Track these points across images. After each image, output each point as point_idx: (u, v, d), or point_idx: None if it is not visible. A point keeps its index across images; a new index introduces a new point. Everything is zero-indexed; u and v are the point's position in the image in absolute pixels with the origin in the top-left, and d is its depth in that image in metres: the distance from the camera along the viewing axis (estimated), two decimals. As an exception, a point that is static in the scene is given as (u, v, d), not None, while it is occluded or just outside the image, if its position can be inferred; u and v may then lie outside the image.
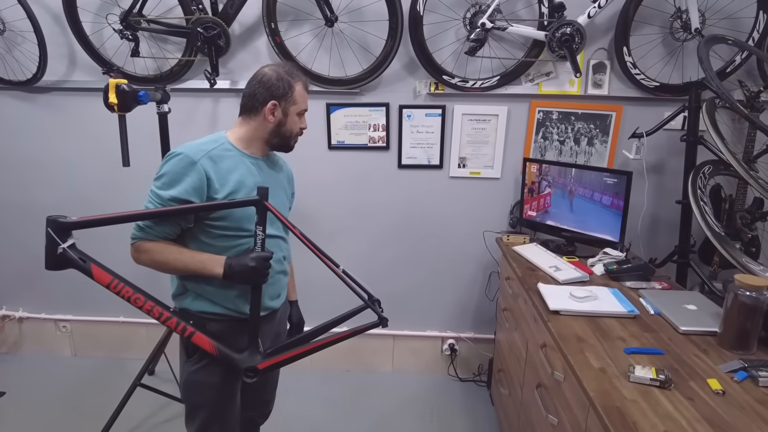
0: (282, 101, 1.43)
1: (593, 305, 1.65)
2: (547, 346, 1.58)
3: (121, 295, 1.34)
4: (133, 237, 1.37)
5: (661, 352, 1.40)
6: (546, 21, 2.20)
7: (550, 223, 2.33)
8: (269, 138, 1.47)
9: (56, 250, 1.26)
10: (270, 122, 1.44)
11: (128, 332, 2.86)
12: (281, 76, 1.42)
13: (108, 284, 1.33)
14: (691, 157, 2.17)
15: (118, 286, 1.33)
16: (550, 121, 2.42)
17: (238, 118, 1.48)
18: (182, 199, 1.32)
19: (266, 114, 1.42)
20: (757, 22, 2.14)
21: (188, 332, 1.38)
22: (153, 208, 1.33)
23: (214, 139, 1.43)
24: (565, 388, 1.41)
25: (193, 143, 1.39)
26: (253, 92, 1.42)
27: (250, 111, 1.44)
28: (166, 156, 1.36)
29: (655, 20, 2.23)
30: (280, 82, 1.42)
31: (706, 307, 1.65)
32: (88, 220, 1.30)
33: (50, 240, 1.26)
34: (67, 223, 1.27)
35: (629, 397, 1.19)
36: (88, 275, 1.31)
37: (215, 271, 1.36)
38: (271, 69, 1.44)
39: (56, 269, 1.29)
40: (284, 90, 1.42)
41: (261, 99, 1.42)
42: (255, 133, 1.46)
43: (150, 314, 1.36)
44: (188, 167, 1.32)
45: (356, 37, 2.34)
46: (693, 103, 2.14)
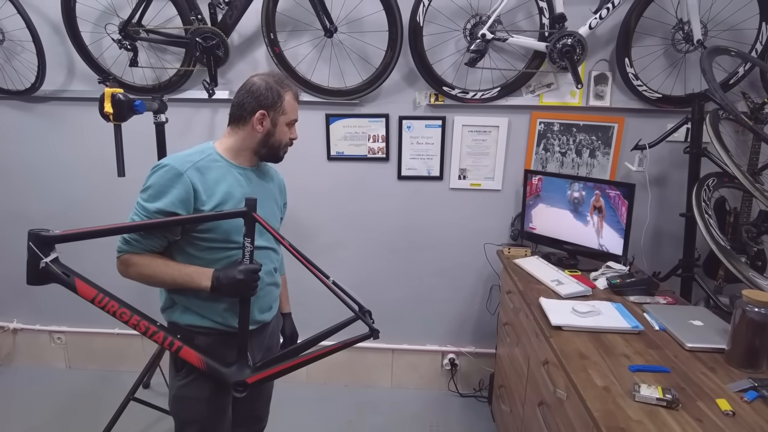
0: (271, 111, 1.40)
1: (596, 320, 1.60)
2: (550, 363, 1.53)
3: (107, 309, 1.31)
4: (119, 250, 1.34)
5: (667, 369, 1.35)
6: (547, 32, 2.18)
7: (554, 236, 2.29)
8: (258, 148, 1.45)
9: (38, 264, 1.23)
10: (258, 132, 1.41)
11: (123, 344, 2.82)
12: (270, 86, 1.40)
13: (93, 299, 1.29)
14: (694, 169, 2.14)
15: (103, 301, 1.30)
16: (551, 132, 2.40)
17: (227, 128, 1.46)
18: (168, 211, 1.29)
19: (254, 124, 1.40)
20: (760, 34, 2.12)
21: (175, 347, 1.35)
22: (139, 220, 1.30)
23: (201, 149, 1.41)
24: (568, 406, 1.36)
25: (179, 154, 1.37)
26: (242, 102, 1.40)
27: (239, 121, 1.42)
28: (152, 168, 1.34)
29: (656, 31, 2.21)
30: (269, 92, 1.39)
31: (713, 323, 1.60)
32: (71, 233, 1.26)
33: (32, 254, 1.23)
34: (49, 236, 1.24)
35: (635, 417, 1.14)
36: (72, 290, 1.28)
37: (202, 284, 1.33)
38: (260, 78, 1.42)
39: (38, 284, 1.26)
40: (273, 99, 1.40)
41: (249, 108, 1.39)
42: (243, 143, 1.43)
43: (136, 329, 1.33)
44: (174, 179, 1.30)
45: (355, 47, 2.33)
46: (696, 114, 2.11)
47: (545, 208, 2.29)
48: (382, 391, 2.75)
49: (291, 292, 1.86)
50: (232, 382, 1.38)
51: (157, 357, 2.34)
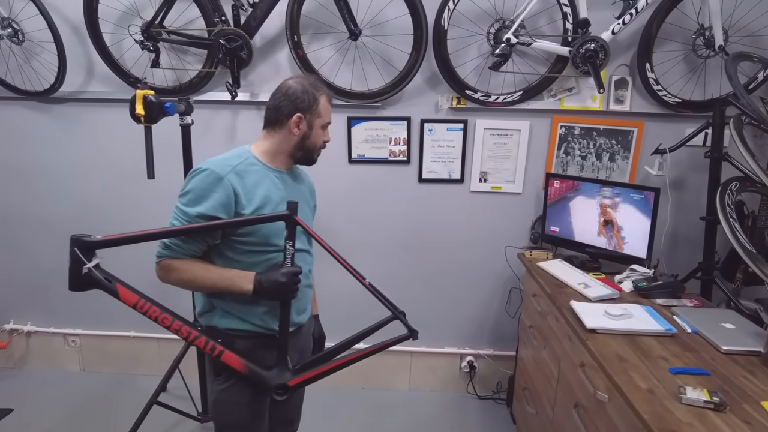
0: (307, 114, 1.40)
1: (629, 323, 1.62)
2: (586, 366, 1.54)
3: (149, 315, 1.30)
4: (159, 255, 1.32)
5: (707, 372, 1.37)
6: (570, 37, 2.20)
7: (575, 239, 2.31)
8: (294, 151, 1.45)
9: (81, 270, 1.22)
10: (295, 135, 1.41)
11: (139, 347, 2.80)
12: (306, 89, 1.40)
13: (134, 305, 1.28)
14: (715, 173, 2.17)
15: (144, 306, 1.29)
16: (572, 136, 2.42)
17: (262, 132, 1.45)
18: (210, 215, 1.28)
19: (291, 127, 1.40)
20: (780, 40, 2.16)
21: (217, 351, 1.34)
22: (179, 225, 1.29)
23: (238, 153, 1.40)
24: (610, 409, 1.37)
25: (217, 158, 1.36)
26: (278, 105, 1.39)
27: (275, 124, 1.41)
28: (190, 172, 1.34)
29: (677, 37, 2.24)
30: (306, 95, 1.39)
31: (744, 326, 1.63)
32: (113, 238, 1.25)
33: (75, 259, 1.22)
34: (91, 241, 1.23)
35: (684, 420, 1.16)
36: (114, 295, 1.27)
37: (245, 288, 1.33)
38: (295, 81, 1.41)
39: (80, 290, 1.25)
40: (309, 102, 1.40)
41: (286, 112, 1.39)
42: (279, 146, 1.43)
43: (178, 334, 1.32)
44: (215, 183, 1.29)
45: (379, 50, 2.33)
46: (717, 119, 2.14)
47: (568, 211, 2.31)
48: (400, 394, 2.76)
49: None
50: (273, 386, 1.38)
51: (178, 360, 2.31)
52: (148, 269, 1.37)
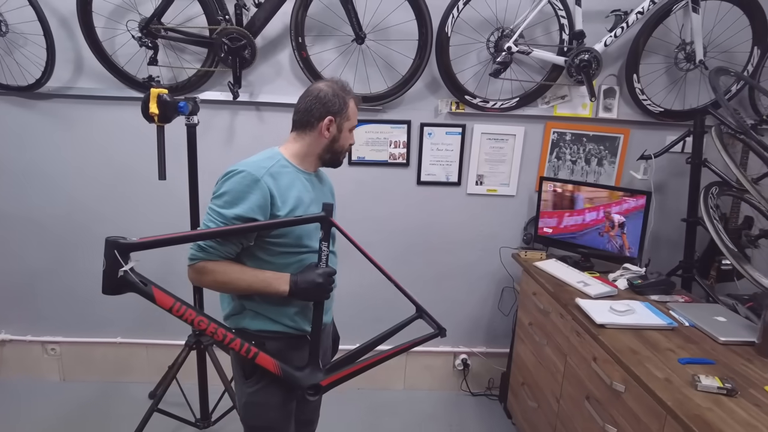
0: (337, 117, 1.42)
1: (634, 318, 1.73)
2: (599, 359, 1.63)
3: (184, 318, 1.28)
4: (192, 258, 1.30)
5: (712, 362, 1.48)
6: (566, 47, 2.31)
7: (568, 240, 2.42)
8: (322, 153, 1.46)
9: (117, 273, 1.19)
10: (325, 138, 1.42)
11: (127, 354, 2.70)
12: (336, 92, 1.41)
13: (170, 308, 1.26)
14: (695, 178, 2.33)
15: (180, 310, 1.27)
16: (563, 142, 2.54)
17: (291, 134, 1.46)
18: (247, 217, 1.28)
19: (322, 129, 1.41)
20: (751, 57, 2.35)
21: (252, 353, 1.34)
22: (215, 227, 1.28)
23: (270, 155, 1.40)
24: (628, 398, 1.46)
25: (250, 160, 1.36)
26: (310, 108, 1.40)
27: (306, 126, 1.42)
28: (225, 174, 1.32)
29: (661, 51, 2.40)
30: (336, 98, 1.41)
31: (734, 319, 1.77)
32: (149, 241, 1.23)
33: (111, 262, 1.19)
34: (128, 244, 1.20)
35: (704, 405, 1.26)
36: (150, 299, 1.24)
37: (281, 289, 1.33)
38: (326, 85, 1.42)
39: (114, 293, 1.22)
40: (340, 106, 1.41)
41: (317, 114, 1.40)
42: (309, 148, 1.44)
43: (214, 336, 1.31)
44: (252, 185, 1.29)
45: (382, 54, 2.37)
46: (698, 128, 2.30)
47: (561, 213, 2.42)
48: (396, 394, 2.79)
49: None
50: (306, 386, 1.39)
51: (178, 367, 2.25)
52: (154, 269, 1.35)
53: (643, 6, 2.20)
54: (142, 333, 2.69)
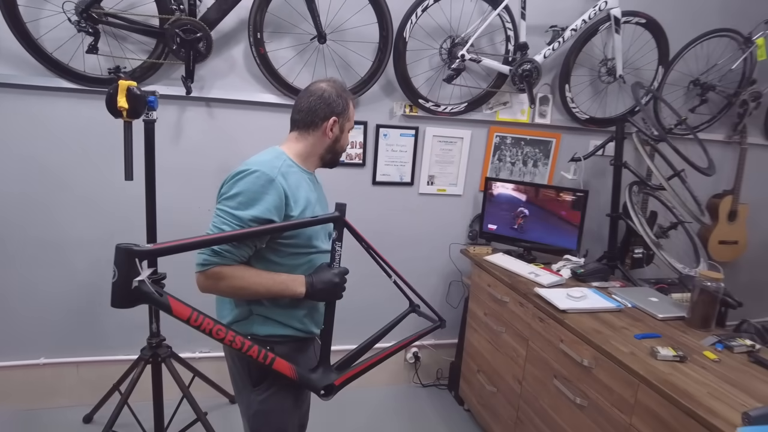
0: (340, 117, 1.42)
1: (588, 303, 1.95)
2: (566, 341, 1.81)
3: (202, 328, 1.20)
4: (205, 263, 1.23)
5: (659, 335, 1.73)
6: (511, 57, 2.51)
7: (511, 236, 2.62)
8: (324, 153, 1.46)
9: (131, 283, 1.09)
10: (329, 138, 1.43)
11: (52, 376, 2.40)
12: (340, 93, 1.42)
13: (188, 318, 1.18)
14: (617, 178, 2.66)
15: (198, 320, 1.19)
16: (504, 145, 2.75)
17: (293, 133, 1.44)
18: (264, 218, 1.25)
19: (326, 129, 1.41)
20: (657, 74, 2.74)
21: (269, 359, 1.30)
22: (230, 230, 1.23)
23: (276, 155, 1.37)
24: (598, 372, 1.65)
25: (260, 160, 1.32)
26: (314, 108, 1.39)
27: (310, 126, 1.41)
28: (236, 174, 1.27)
29: (587, 64, 2.70)
30: (340, 99, 1.42)
31: (664, 299, 2.07)
32: (166, 247, 1.13)
33: (124, 272, 1.08)
34: (142, 251, 1.09)
35: (666, 371, 1.47)
36: (166, 310, 1.15)
37: (297, 291, 1.32)
38: (329, 85, 1.42)
39: (127, 306, 1.11)
40: (343, 107, 1.43)
41: (322, 115, 1.39)
42: (313, 148, 1.43)
43: (232, 345, 1.24)
44: (267, 185, 1.26)
45: (341, 55, 2.38)
46: (619, 134, 2.63)
47: (504, 210, 2.62)
48: (351, 392, 2.78)
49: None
50: (321, 387, 1.38)
51: (132, 383, 2.06)
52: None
53: (576, 24, 2.47)
54: (71, 351, 2.41)
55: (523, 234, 2.60)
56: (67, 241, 2.29)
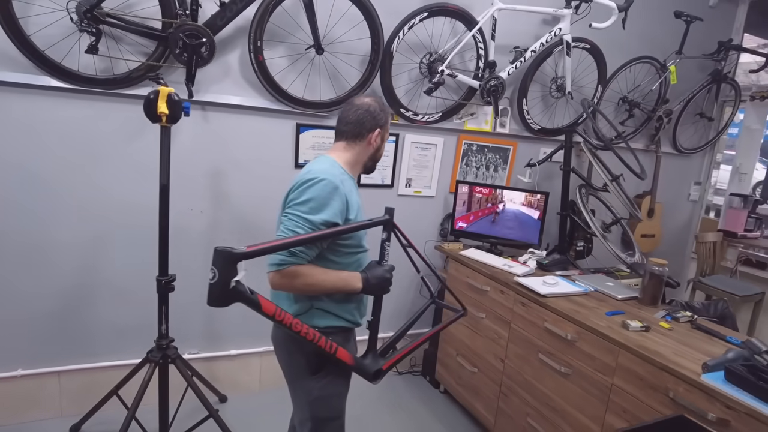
0: (382, 129, 1.61)
1: (562, 288, 2.28)
2: (549, 321, 2.12)
3: (284, 322, 1.30)
4: (282, 263, 1.35)
5: (623, 312, 2.10)
6: (480, 74, 2.81)
7: (480, 232, 2.93)
8: (367, 161, 1.63)
9: (229, 283, 1.17)
10: (372, 147, 1.60)
11: (31, 388, 2.28)
12: (383, 107, 1.61)
13: (273, 314, 1.28)
14: (566, 181, 3.07)
15: (281, 314, 1.29)
16: (471, 151, 3.05)
17: (341, 143, 1.59)
18: (332, 222, 1.40)
19: (371, 140, 1.58)
20: (596, 92, 3.19)
21: (333, 348, 1.43)
22: (303, 233, 1.36)
23: (331, 163, 1.52)
24: (582, 345, 1.97)
25: (321, 168, 1.46)
26: (362, 120, 1.55)
27: (357, 137, 1.57)
28: (305, 182, 1.40)
29: (539, 81, 3.08)
30: (383, 113, 1.60)
31: (616, 283, 2.46)
32: (259, 248, 1.23)
33: (224, 272, 1.16)
34: (239, 253, 1.18)
35: (638, 339, 1.82)
36: (257, 308, 1.24)
37: (356, 286, 1.48)
38: (372, 100, 1.60)
39: (223, 305, 1.18)
40: (384, 119, 1.61)
41: (368, 126, 1.56)
42: (359, 157, 1.60)
43: (306, 336, 1.35)
44: (333, 192, 1.41)
45: (332, 65, 2.52)
46: (568, 143, 3.04)
47: (473, 211, 2.92)
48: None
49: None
50: (372, 372, 1.54)
51: (143, 387, 2.03)
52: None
53: (535, 46, 2.82)
54: (51, 359, 2.32)
55: (490, 230, 2.91)
56: (49, 243, 2.21)
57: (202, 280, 2.50)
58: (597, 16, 2.73)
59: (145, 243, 2.30)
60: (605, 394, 1.86)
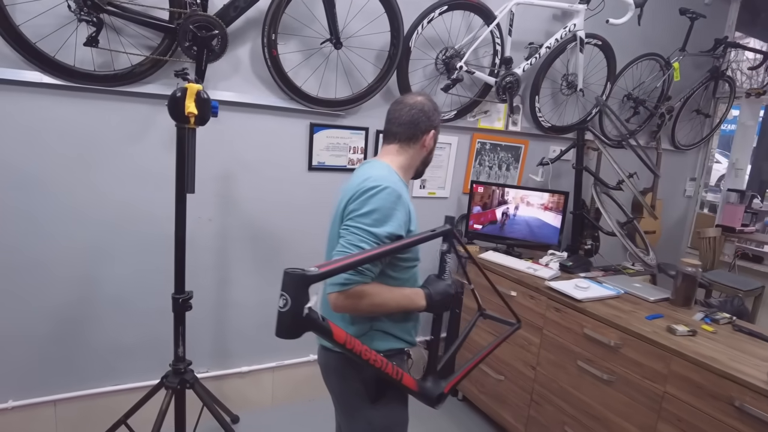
0: (436, 130, 1.48)
1: (594, 292, 2.21)
2: (589, 327, 2.05)
3: (356, 351, 1.15)
4: (348, 282, 1.20)
5: (661, 315, 2.04)
6: (496, 70, 2.71)
7: (496, 234, 2.84)
8: (419, 165, 1.50)
9: (302, 311, 1.01)
10: (425, 150, 1.47)
11: (23, 420, 2.05)
12: (435, 107, 1.48)
13: (344, 342, 1.13)
14: (578, 180, 3.02)
15: (351, 342, 1.14)
16: (484, 150, 2.95)
17: (392, 146, 1.45)
18: (397, 234, 1.26)
19: (425, 142, 1.45)
20: (605, 88, 3.15)
21: (399, 375, 1.30)
22: (369, 248, 1.21)
23: (387, 167, 1.39)
24: (627, 351, 1.90)
25: (381, 175, 1.32)
26: (416, 120, 1.42)
27: (411, 139, 1.43)
28: (367, 191, 1.26)
29: (550, 78, 3.01)
30: (436, 113, 1.47)
31: (644, 284, 2.42)
32: (330, 269, 1.06)
33: (297, 299, 0.99)
34: (312, 276, 1.01)
35: (689, 344, 1.76)
36: (328, 336, 1.09)
37: (420, 304, 1.35)
38: (426, 98, 1.46)
39: (294, 336, 1.01)
40: (438, 120, 1.48)
41: (423, 128, 1.43)
42: (412, 161, 1.46)
43: (375, 364, 1.21)
44: (397, 201, 1.28)
45: (349, 60, 2.37)
46: (580, 141, 2.99)
47: (489, 210, 2.82)
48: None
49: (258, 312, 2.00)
50: (435, 396, 1.41)
51: (161, 415, 1.84)
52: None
53: (550, 42, 2.75)
54: (46, 387, 2.08)
55: (506, 232, 2.82)
56: (43, 253, 1.98)
57: (211, 294, 2.33)
58: (609, 12, 2.68)
59: (149, 253, 2.11)
60: (656, 402, 1.80)
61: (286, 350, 2.58)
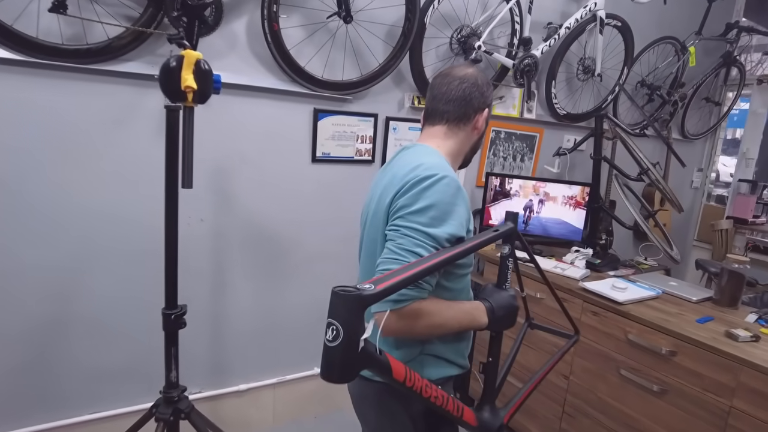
0: (489, 109, 1.23)
1: (633, 293, 2.01)
2: (633, 332, 1.84)
3: (415, 387, 0.90)
4: (403, 299, 0.95)
5: (711, 318, 1.85)
6: (515, 52, 2.48)
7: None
8: (468, 152, 1.25)
9: (358, 344, 0.75)
10: (477, 132, 1.22)
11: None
12: (488, 82, 1.22)
13: (404, 379, 0.88)
14: (596, 171, 2.82)
15: (412, 378, 0.89)
16: (499, 139, 2.73)
17: (440, 128, 1.19)
18: (458, 236, 1.02)
19: (477, 123, 1.20)
20: (622, 74, 2.96)
21: (460, 410, 1.06)
22: (427, 253, 0.97)
23: (438, 154, 1.14)
24: (682, 360, 1.70)
25: (435, 162, 1.08)
26: (468, 97, 1.16)
27: (462, 119, 1.17)
28: (421, 180, 1.01)
29: (566, 62, 2.80)
30: (490, 89, 1.21)
31: (681, 282, 2.23)
32: (389, 284, 0.79)
33: (351, 328, 0.74)
34: (370, 295, 0.76)
35: (755, 351, 1.57)
36: (387, 374, 0.84)
37: (482, 321, 1.11)
38: (477, 71, 1.20)
39: (350, 379, 0.76)
40: (492, 97, 1.23)
41: (476, 105, 1.18)
42: (462, 146, 1.21)
43: (436, 401, 0.96)
44: (457, 193, 1.04)
45: (356, 37, 2.10)
46: (598, 129, 2.78)
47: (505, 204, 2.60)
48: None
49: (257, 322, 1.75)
50: (495, 428, 1.18)
51: None
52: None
53: (569, 22, 2.53)
54: (15, 420, 1.78)
55: (527, 228, 2.61)
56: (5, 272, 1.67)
57: (203, 306, 2.05)
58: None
59: (133, 262, 1.81)
60: (721, 418, 1.60)
61: (288, 365, 2.31)
